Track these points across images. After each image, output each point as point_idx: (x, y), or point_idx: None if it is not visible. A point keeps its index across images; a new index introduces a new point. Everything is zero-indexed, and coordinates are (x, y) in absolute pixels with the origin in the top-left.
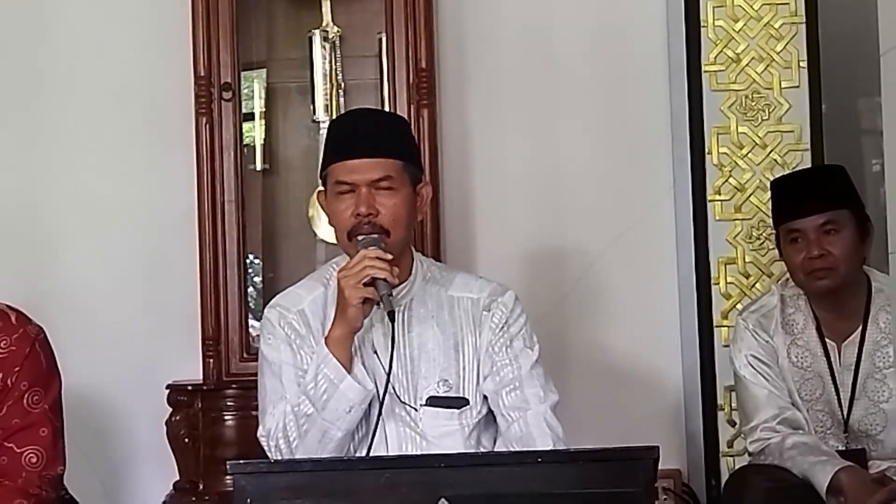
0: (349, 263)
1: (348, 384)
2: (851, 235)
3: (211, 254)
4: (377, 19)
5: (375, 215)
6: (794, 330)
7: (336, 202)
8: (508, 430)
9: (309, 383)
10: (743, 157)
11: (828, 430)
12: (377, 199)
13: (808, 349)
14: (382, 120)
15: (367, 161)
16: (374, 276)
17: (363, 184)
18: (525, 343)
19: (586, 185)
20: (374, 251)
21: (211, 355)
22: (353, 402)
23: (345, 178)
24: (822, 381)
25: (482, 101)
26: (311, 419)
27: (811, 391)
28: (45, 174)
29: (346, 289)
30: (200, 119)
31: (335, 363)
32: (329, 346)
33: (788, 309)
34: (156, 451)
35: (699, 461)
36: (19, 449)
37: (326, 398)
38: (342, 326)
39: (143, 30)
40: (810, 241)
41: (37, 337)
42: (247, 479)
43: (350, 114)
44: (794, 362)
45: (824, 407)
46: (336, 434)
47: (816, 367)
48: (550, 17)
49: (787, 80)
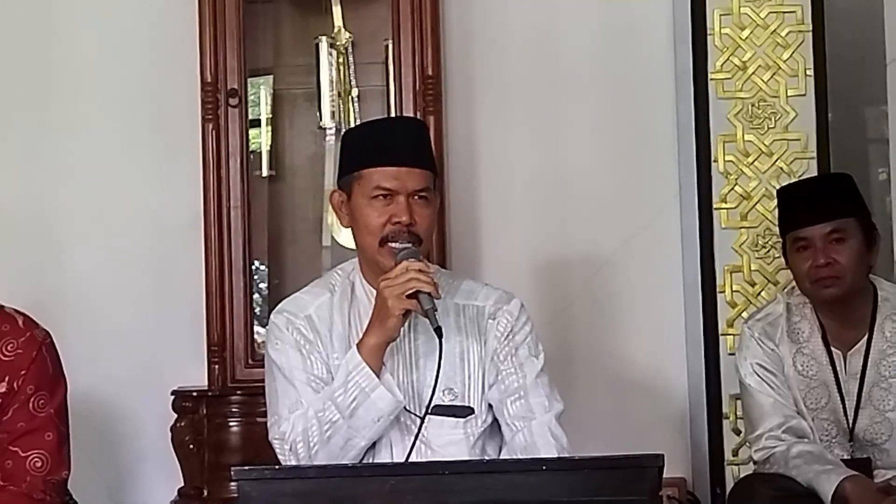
0: (391, 273)
1: (380, 394)
2: (858, 244)
3: (216, 260)
4: (384, 26)
5: (413, 225)
6: (799, 338)
7: (369, 207)
8: (513, 439)
9: (337, 390)
10: (749, 164)
11: (833, 438)
12: (414, 209)
13: (813, 357)
14: (418, 129)
15: (408, 170)
16: (420, 289)
17: (404, 192)
18: (530, 351)
19: (592, 192)
20: (416, 263)
21: (216, 361)
22: (382, 411)
23: (386, 183)
24: (828, 389)
25: (488, 107)
26: (337, 426)
27: (816, 400)
28: (52, 179)
29: (390, 298)
30: (207, 125)
31: (368, 371)
32: (362, 353)
33: (794, 317)
34: (160, 457)
35: (704, 469)
36: (24, 453)
37: (355, 406)
38: (379, 335)
39: (150, 36)
40: (817, 250)
41: (43, 341)
42: (251, 485)
43: (380, 121)
44: (800, 371)
45: (830, 416)
46: (360, 443)
47: (822, 375)
48: (557, 24)
49: (794, 89)
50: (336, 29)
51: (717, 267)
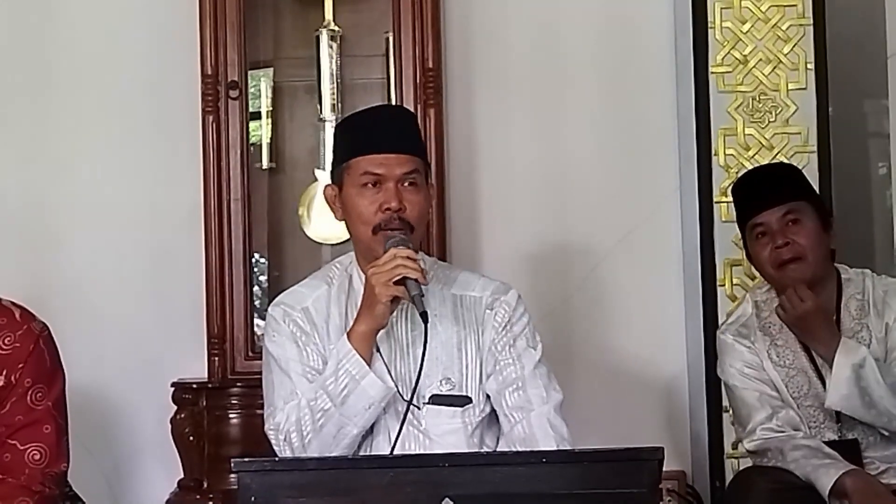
0: (379, 261)
1: (371, 381)
2: (814, 226)
3: (217, 252)
4: (384, 18)
5: (403, 211)
6: (772, 331)
7: (359, 196)
8: (512, 430)
9: (328, 378)
10: (749, 158)
11: (821, 424)
12: (404, 195)
13: (787, 347)
14: (405, 116)
15: (396, 156)
16: (406, 275)
17: (392, 178)
18: (528, 342)
19: (592, 184)
20: (404, 250)
21: (216, 353)
22: (373, 399)
23: (373, 169)
24: (807, 376)
25: (489, 100)
26: (329, 414)
27: (798, 387)
28: (52, 171)
29: (377, 286)
30: (207, 117)
31: (358, 359)
32: (352, 341)
33: (763, 312)
34: (160, 449)
35: (703, 462)
36: (22, 446)
37: (346, 393)
38: (368, 322)
39: (150, 28)
40: (775, 233)
41: (41, 334)
42: (251, 477)
43: (367, 111)
44: (777, 362)
45: (814, 402)
46: (352, 430)
47: (798, 363)
48: (557, 17)
49: (794, 82)
50: (325, 22)
51: (717, 260)
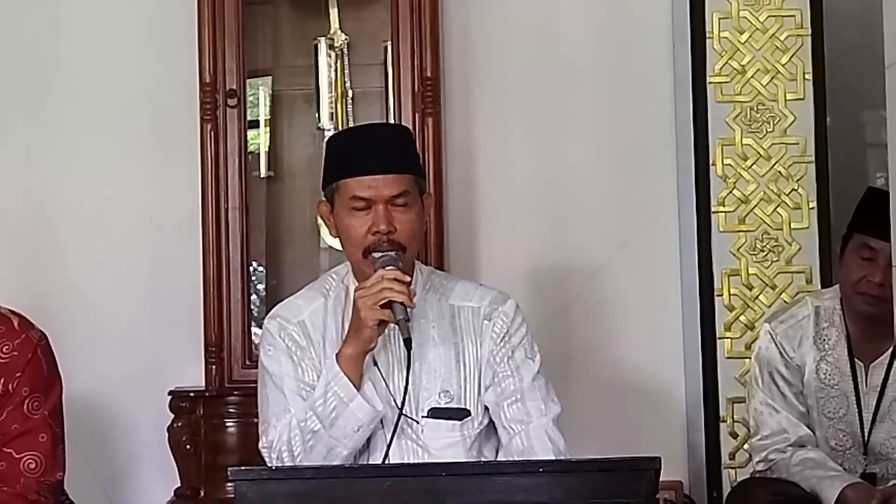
0: (367, 282)
1: (358, 403)
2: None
3: (214, 260)
4: (383, 28)
5: (393, 232)
6: (825, 346)
7: (349, 218)
8: (510, 443)
9: (317, 400)
10: (747, 168)
11: (847, 450)
12: (394, 216)
13: (836, 367)
14: (393, 134)
15: (383, 177)
16: (392, 299)
17: (381, 200)
18: (526, 354)
19: (590, 194)
20: (391, 272)
21: (213, 362)
22: (361, 421)
23: (362, 193)
24: (847, 400)
25: (487, 110)
26: (318, 436)
27: (834, 410)
28: (50, 179)
29: (363, 309)
30: (205, 126)
31: (346, 381)
32: (340, 363)
33: (822, 323)
34: (157, 458)
35: (701, 473)
36: (18, 455)
37: (335, 416)
38: (355, 346)
39: (149, 36)
40: (879, 267)
41: (39, 342)
42: (248, 485)
43: (358, 129)
44: (822, 379)
45: (846, 427)
46: (342, 452)
47: (843, 386)
48: (556, 27)
49: (792, 92)
50: (332, 30)
51: (714, 270)
